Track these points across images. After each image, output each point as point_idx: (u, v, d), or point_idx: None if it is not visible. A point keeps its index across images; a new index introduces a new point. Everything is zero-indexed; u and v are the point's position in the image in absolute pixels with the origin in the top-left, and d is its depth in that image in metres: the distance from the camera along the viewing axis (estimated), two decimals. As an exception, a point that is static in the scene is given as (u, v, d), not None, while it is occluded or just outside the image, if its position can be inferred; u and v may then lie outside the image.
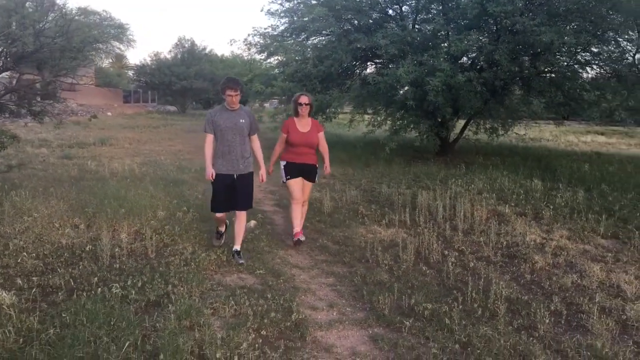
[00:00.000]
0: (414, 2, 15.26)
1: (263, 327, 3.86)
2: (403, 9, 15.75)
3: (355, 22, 15.06)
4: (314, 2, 15.38)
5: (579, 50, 13.76)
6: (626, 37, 13.79)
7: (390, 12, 16.00)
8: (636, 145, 18.42)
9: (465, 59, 14.58)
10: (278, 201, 8.88)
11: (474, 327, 3.99)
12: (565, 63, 14.20)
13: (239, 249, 5.57)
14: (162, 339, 3.50)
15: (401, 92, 13.76)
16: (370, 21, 15.08)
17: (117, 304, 4.05)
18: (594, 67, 15.05)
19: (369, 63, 17.13)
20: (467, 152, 16.14)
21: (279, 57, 16.85)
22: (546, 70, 14.27)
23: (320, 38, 16.37)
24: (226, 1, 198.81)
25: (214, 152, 5.49)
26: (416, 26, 15.20)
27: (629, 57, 13.87)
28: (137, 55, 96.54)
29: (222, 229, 5.98)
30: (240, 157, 5.49)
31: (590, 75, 15.28)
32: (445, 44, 13.72)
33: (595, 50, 14.09)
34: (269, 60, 18.22)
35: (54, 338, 3.46)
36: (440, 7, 14.58)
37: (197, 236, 6.18)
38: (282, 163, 6.27)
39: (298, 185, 6.24)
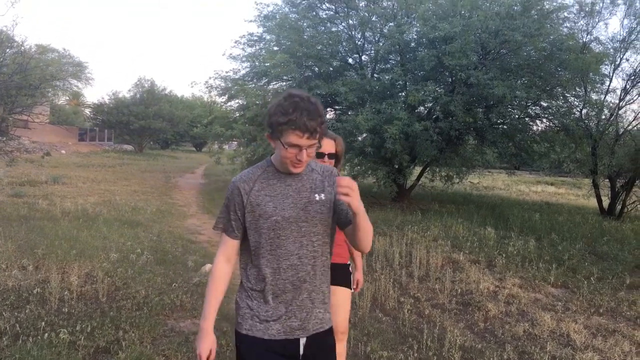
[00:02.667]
0: (373, 52, 15.73)
1: (216, 375, 3.77)
2: (362, 58, 16.20)
3: (316, 69, 15.39)
4: (275, 48, 15.67)
5: (529, 104, 14.41)
6: (573, 93, 14.56)
7: (350, 60, 16.44)
8: (584, 196, 19.11)
9: (422, 108, 15.01)
10: (235, 245, 8.78)
11: (429, 375, 4.00)
12: (517, 116, 14.84)
13: None
14: (110, 388, 3.38)
15: (360, 138, 14.01)
16: (331, 69, 15.45)
17: (64, 350, 3.90)
18: (544, 120, 15.75)
19: (328, 109, 17.42)
20: (423, 198, 16.42)
21: (240, 101, 17.01)
22: (499, 121, 14.83)
23: (281, 83, 16.61)
24: (188, 44, 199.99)
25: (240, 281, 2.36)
26: (375, 75, 15.61)
27: (576, 112, 14.58)
28: (95, 93, 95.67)
29: None
30: (314, 294, 2.24)
31: (540, 128, 15.96)
32: (403, 94, 14.14)
33: (544, 104, 14.77)
34: (229, 103, 18.36)
35: (-5, 386, 3.31)
36: (399, 58, 15.07)
37: (150, 279, 6.03)
38: None
39: None
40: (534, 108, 15.12)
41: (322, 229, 2.20)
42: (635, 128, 15.43)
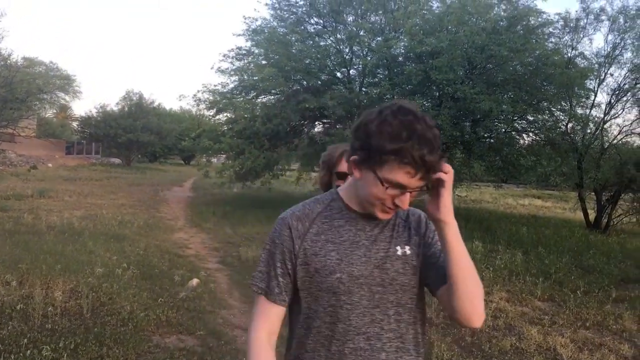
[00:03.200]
0: (361, 66, 15.82)
1: (201, 392, 3.74)
2: (351, 72, 16.30)
3: (304, 83, 15.46)
4: (264, 62, 15.72)
5: (515, 118, 14.54)
6: (559, 107, 14.73)
7: (339, 74, 16.53)
8: (570, 209, 19.21)
9: (409, 122, 15.07)
10: (222, 258, 8.75)
11: (416, 391, 3.98)
12: (503, 130, 14.98)
13: None
14: (93, 406, 3.33)
15: (348, 152, 14.05)
16: (319, 82, 15.52)
17: (46, 367, 3.84)
18: (530, 134, 15.91)
19: (317, 123, 17.50)
20: (411, 212, 16.44)
21: (228, 114, 17.01)
22: (485, 135, 14.93)
23: (270, 97, 16.67)
24: (177, 58, 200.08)
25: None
26: (363, 89, 15.69)
27: (562, 126, 14.74)
28: (83, 106, 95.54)
29: None
30: None
31: (526, 142, 16.11)
32: (391, 107, 14.21)
33: (530, 118, 14.91)
34: (217, 117, 18.34)
35: (-26, 406, 3.24)
36: (386, 72, 15.18)
37: (136, 295, 5.96)
38: None
39: None
40: (520, 122, 15.26)
41: (404, 297, 1.49)
42: (620, 142, 15.61)
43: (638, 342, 5.44)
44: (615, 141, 15.46)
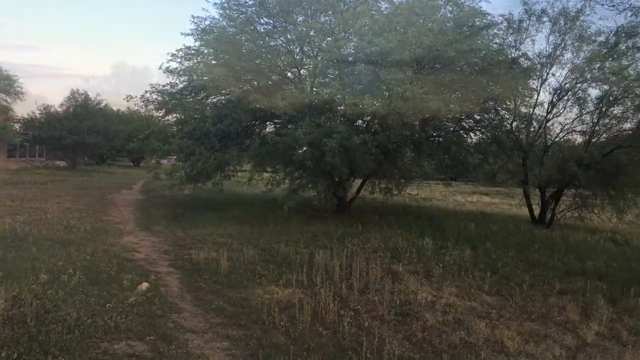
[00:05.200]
0: (311, 66, 15.84)
1: (152, 398, 3.67)
2: (301, 72, 16.28)
3: (255, 83, 15.35)
4: (213, 62, 15.53)
5: (463, 117, 14.86)
6: (504, 106, 15.15)
7: (289, 74, 16.48)
8: (516, 205, 19.80)
9: (360, 122, 15.21)
10: (173, 262, 8.60)
11: (368, 388, 4.02)
12: (452, 128, 15.28)
13: None
14: (38, 417, 3.22)
15: (299, 152, 14.06)
16: (270, 83, 15.44)
17: (-13, 379, 3.70)
18: (477, 132, 16.29)
19: (268, 123, 17.41)
20: (364, 211, 16.59)
21: (177, 115, 16.73)
22: (434, 134, 15.21)
23: (220, 97, 16.46)
24: (128, 57, 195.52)
25: None
26: (314, 89, 15.71)
27: (507, 125, 15.17)
28: (27, 108, 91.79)
29: None
30: None
31: (473, 141, 16.49)
32: (342, 107, 14.30)
33: (477, 117, 15.28)
34: (167, 118, 18.00)
35: None
36: (337, 72, 15.24)
37: (83, 301, 5.80)
38: None
39: None
40: (467, 121, 15.62)
41: None
42: (562, 140, 16.18)
43: (581, 332, 5.65)
44: (557, 139, 16.02)
